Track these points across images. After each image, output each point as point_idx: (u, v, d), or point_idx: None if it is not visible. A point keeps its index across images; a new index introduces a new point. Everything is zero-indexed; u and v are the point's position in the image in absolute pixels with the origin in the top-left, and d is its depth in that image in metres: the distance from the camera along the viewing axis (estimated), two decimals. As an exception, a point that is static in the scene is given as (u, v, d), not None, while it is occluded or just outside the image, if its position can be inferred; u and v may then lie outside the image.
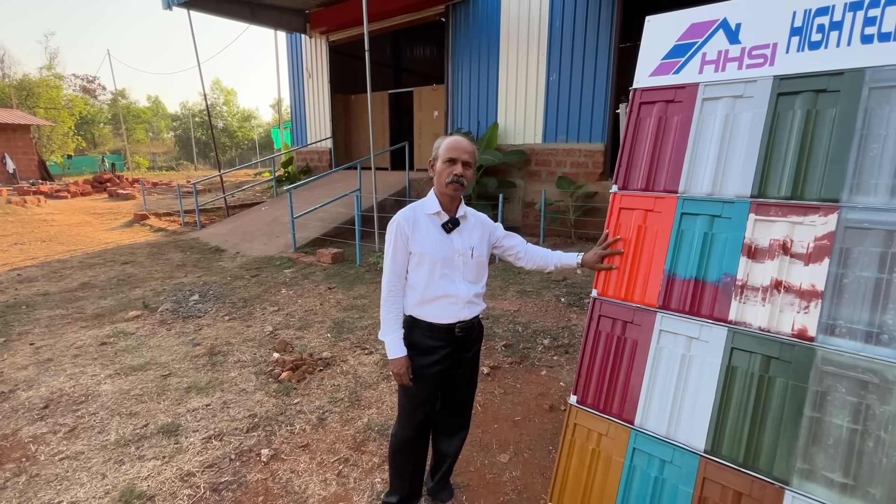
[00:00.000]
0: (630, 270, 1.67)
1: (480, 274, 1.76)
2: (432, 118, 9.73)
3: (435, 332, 1.69)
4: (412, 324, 1.71)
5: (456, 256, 1.68)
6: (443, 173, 1.62)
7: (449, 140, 1.63)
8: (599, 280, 1.75)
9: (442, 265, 1.66)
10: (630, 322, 1.66)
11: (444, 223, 1.66)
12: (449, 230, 1.67)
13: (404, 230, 1.62)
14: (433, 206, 1.66)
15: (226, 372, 3.15)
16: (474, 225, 1.76)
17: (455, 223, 1.68)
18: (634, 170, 1.74)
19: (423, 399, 1.75)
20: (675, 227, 1.61)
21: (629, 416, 1.60)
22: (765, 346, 1.39)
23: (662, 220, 1.63)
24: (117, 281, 5.49)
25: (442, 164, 1.61)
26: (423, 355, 1.70)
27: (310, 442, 2.44)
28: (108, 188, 15.10)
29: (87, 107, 39.10)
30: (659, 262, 1.61)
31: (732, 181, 1.52)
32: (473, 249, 1.72)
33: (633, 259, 1.67)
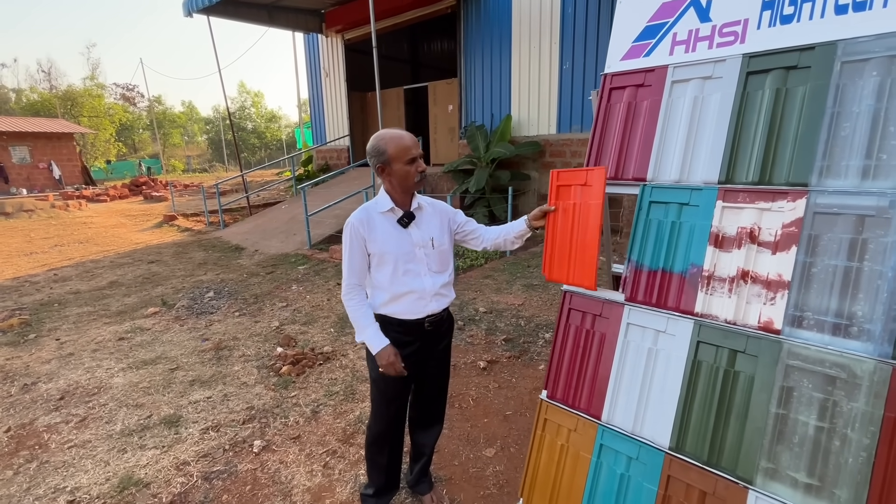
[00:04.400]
0: (570, 252, 1.64)
1: (445, 263, 1.76)
2: (447, 112, 9.70)
3: (405, 327, 1.70)
4: (382, 323, 1.71)
5: (417, 250, 1.68)
6: (409, 174, 1.61)
7: (395, 140, 1.60)
8: (546, 266, 1.71)
9: (404, 261, 1.66)
10: (599, 315, 1.61)
11: (399, 219, 1.66)
12: (405, 225, 1.66)
13: (360, 232, 1.62)
14: (385, 204, 1.66)
15: (230, 366, 3.26)
16: (431, 214, 1.75)
17: (410, 217, 1.67)
18: (604, 159, 1.69)
19: (394, 394, 1.76)
20: (642, 217, 1.55)
21: (597, 412, 1.56)
22: (731, 340, 1.32)
23: (593, 194, 1.57)
24: (142, 279, 5.76)
25: (404, 166, 1.60)
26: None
27: (301, 434, 2.50)
28: (144, 191, 15.85)
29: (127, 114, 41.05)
30: (593, 238, 1.56)
31: (700, 167, 1.45)
32: (433, 240, 1.71)
33: (571, 239, 1.63)
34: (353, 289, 1.65)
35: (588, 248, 1.58)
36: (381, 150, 1.60)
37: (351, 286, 1.65)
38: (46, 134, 18.87)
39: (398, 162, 1.59)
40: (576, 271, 1.61)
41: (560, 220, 1.68)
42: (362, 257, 1.65)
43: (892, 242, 1.12)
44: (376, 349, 1.64)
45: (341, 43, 10.82)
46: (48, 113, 28.61)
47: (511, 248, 1.84)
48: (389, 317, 1.69)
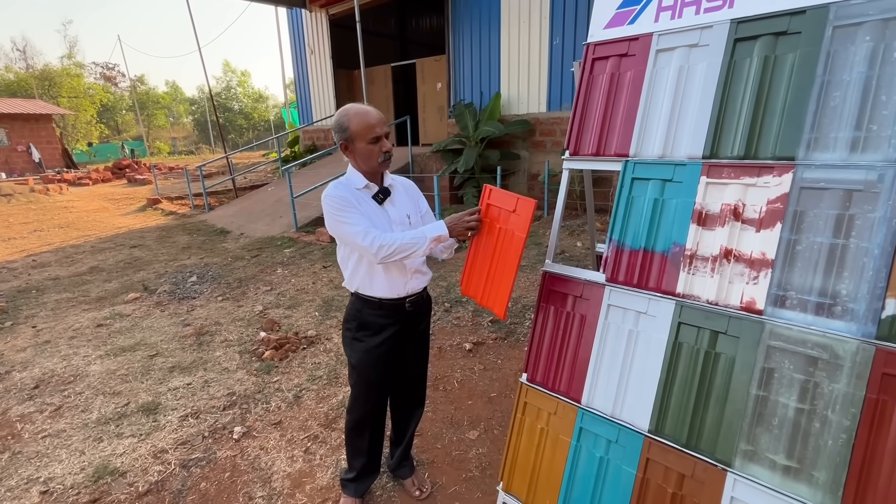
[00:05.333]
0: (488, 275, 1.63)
1: None
2: (436, 90, 9.48)
3: (385, 308, 1.64)
4: (360, 303, 1.65)
5: (395, 227, 1.61)
6: (373, 154, 1.53)
7: (359, 116, 1.51)
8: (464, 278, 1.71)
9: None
10: (579, 297, 1.57)
11: (374, 195, 1.58)
12: (381, 201, 1.59)
13: (350, 200, 1.53)
14: (359, 181, 1.58)
15: (211, 351, 3.20)
16: (402, 192, 1.69)
17: (386, 193, 1.60)
18: (586, 133, 1.61)
19: (375, 379, 1.72)
20: (624, 194, 1.49)
21: (576, 395, 1.53)
22: (712, 321, 1.28)
23: (519, 225, 1.55)
24: (124, 264, 5.63)
25: (367, 145, 1.51)
26: (374, 335, 1.66)
27: (283, 419, 2.46)
28: (127, 174, 15.48)
29: (108, 94, 39.83)
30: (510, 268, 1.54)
31: (685, 141, 1.38)
32: (409, 216, 1.65)
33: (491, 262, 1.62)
34: (376, 235, 1.47)
35: (504, 277, 1.56)
36: (343, 126, 1.51)
37: (374, 235, 1.47)
38: (24, 115, 18.27)
39: (361, 140, 1.51)
40: (490, 295, 1.61)
41: (484, 239, 1.65)
42: (364, 214, 1.52)
43: (879, 218, 1.07)
44: (444, 228, 1.54)
45: (326, 18, 10.47)
46: (25, 93, 27.67)
47: (440, 256, 1.77)
48: (368, 297, 1.63)
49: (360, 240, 1.49)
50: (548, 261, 1.68)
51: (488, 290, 1.61)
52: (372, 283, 1.61)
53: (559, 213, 1.68)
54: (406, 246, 1.50)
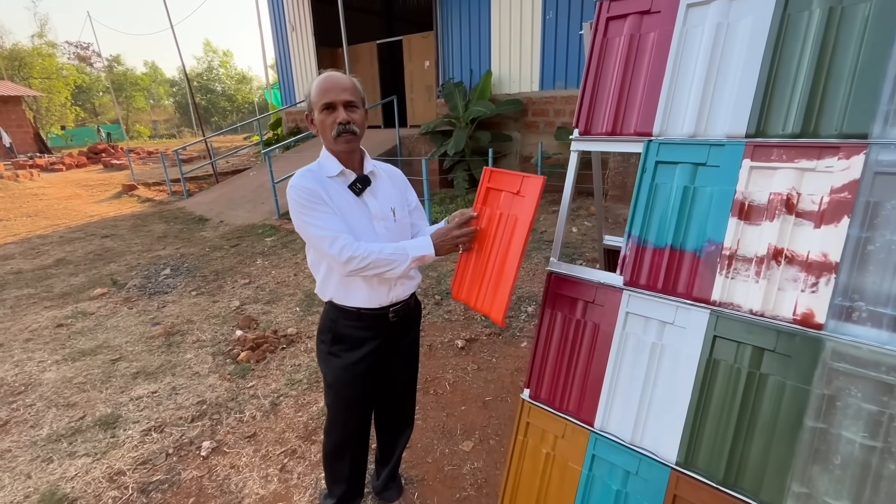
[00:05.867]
0: (484, 273, 1.38)
1: (406, 237, 1.45)
2: (423, 69, 9.08)
3: (364, 320, 1.39)
4: (335, 312, 1.41)
5: (376, 223, 1.35)
6: (326, 126, 1.26)
7: (319, 80, 1.26)
8: (456, 281, 1.46)
9: (362, 237, 1.33)
10: (591, 302, 1.33)
11: (351, 184, 1.32)
12: (359, 192, 1.33)
13: (319, 194, 1.26)
14: (333, 167, 1.32)
15: (181, 354, 2.94)
16: (387, 181, 1.43)
17: (365, 182, 1.34)
18: (599, 109, 1.36)
19: (355, 400, 1.48)
20: (646, 181, 1.24)
21: (588, 417, 1.31)
22: (757, 335, 1.06)
23: (524, 207, 1.33)
24: (93, 256, 5.30)
25: (320, 115, 1.26)
26: (352, 350, 1.41)
27: (258, 431, 2.23)
28: (103, 159, 14.85)
29: (83, 75, 38.27)
30: (512, 263, 1.30)
31: (723, 116, 1.14)
32: (395, 210, 1.40)
33: (489, 258, 1.38)
34: (347, 243, 1.23)
35: (503, 276, 1.31)
36: (308, 94, 1.26)
37: (344, 243, 1.23)
38: (-9, 98, 17.37)
39: (317, 109, 1.26)
40: (486, 297, 1.35)
41: (480, 233, 1.41)
42: (336, 213, 1.27)
43: (983, 212, 0.85)
44: (427, 250, 1.30)
45: (307, -8, 9.92)
46: (-7, 75, 26.40)
47: None
48: (345, 307, 1.38)
49: (326, 246, 1.24)
50: (553, 259, 1.44)
51: (484, 291, 1.36)
52: (348, 292, 1.36)
53: (566, 202, 1.44)
54: (382, 262, 1.26)
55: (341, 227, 1.26)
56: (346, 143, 1.29)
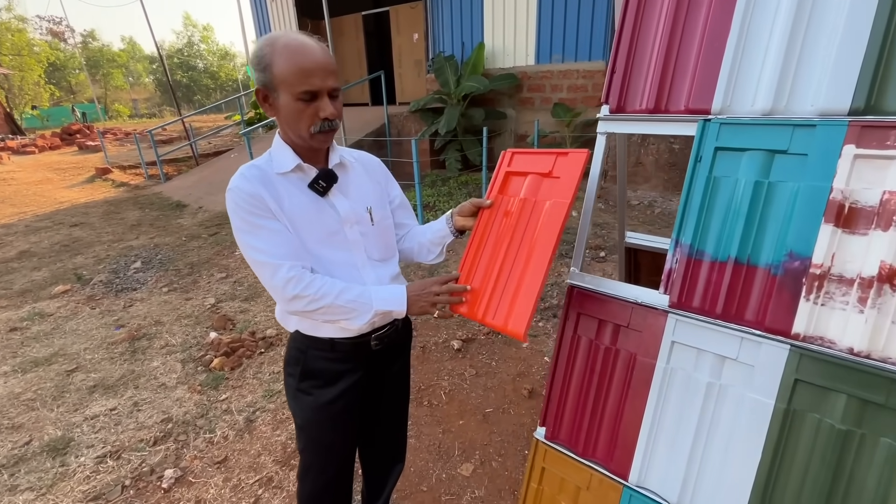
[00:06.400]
0: (499, 278, 1.08)
1: (389, 244, 1.17)
2: (412, 42, 8.59)
3: (340, 350, 1.11)
4: (304, 343, 1.12)
5: (346, 228, 1.06)
6: (302, 118, 0.95)
7: (290, 51, 0.91)
8: None
9: (329, 247, 1.05)
10: (625, 326, 1.06)
11: (311, 182, 1.02)
12: (323, 191, 1.03)
13: (263, 200, 0.97)
14: (287, 160, 1.01)
15: (147, 361, 2.65)
16: (361, 175, 1.14)
17: (330, 178, 1.04)
18: (638, 79, 1.06)
19: (332, 444, 1.20)
20: (701, 174, 0.96)
21: (621, 468, 1.05)
22: (857, 383, 0.79)
23: (560, 190, 1.07)
24: (60, 247, 4.93)
25: (294, 102, 0.93)
26: (326, 386, 1.13)
27: (229, 455, 1.97)
28: (78, 140, 14.17)
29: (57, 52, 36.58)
30: (540, 264, 1.02)
31: (815, 86, 0.85)
32: (371, 210, 1.10)
33: (505, 257, 1.09)
34: (295, 276, 0.96)
35: (528, 278, 1.02)
36: (263, 61, 0.93)
37: (290, 275, 0.95)
38: (-45, 76, 16.41)
39: (287, 91, 0.93)
40: (500, 308, 1.04)
41: (495, 226, 1.12)
42: (285, 230, 0.98)
43: None
44: (399, 306, 1.04)
45: (286, -42, 9.28)
46: (-42, 51, 25.08)
47: (427, 259, 1.25)
48: (314, 336, 1.10)
49: (267, 276, 0.97)
50: (574, 269, 1.17)
51: (498, 300, 1.06)
52: (317, 320, 1.08)
53: (591, 197, 1.15)
54: (337, 309, 0.99)
55: (290, 251, 0.97)
56: (325, 141, 1.01)
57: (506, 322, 1.02)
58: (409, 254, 1.25)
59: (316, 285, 0.97)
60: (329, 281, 0.99)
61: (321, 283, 0.98)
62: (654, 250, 1.65)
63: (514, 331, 1.00)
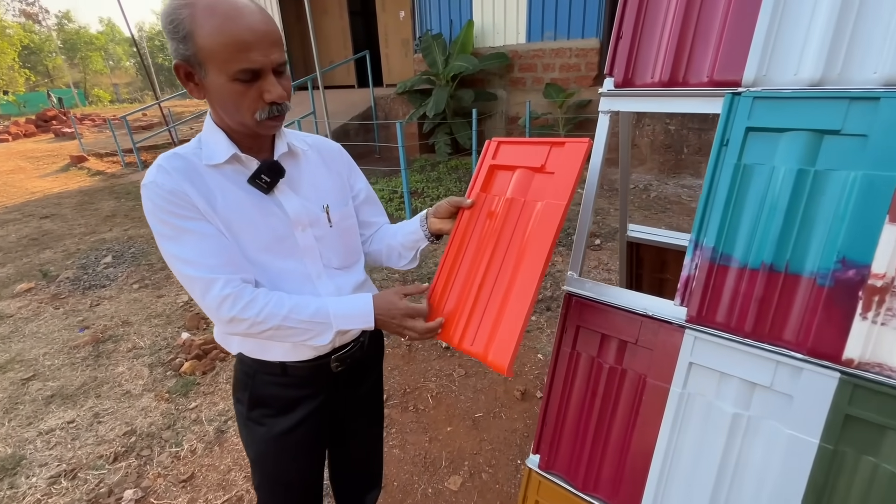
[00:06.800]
0: (478, 296, 0.92)
1: (352, 248, 0.99)
2: (398, 20, 8.24)
3: (293, 376, 0.93)
4: (251, 366, 0.94)
5: (297, 232, 0.87)
6: (241, 102, 0.75)
7: (222, 20, 0.69)
8: (433, 306, 0.97)
9: (276, 255, 0.86)
10: (633, 343, 0.90)
11: (252, 176, 0.83)
12: (268, 187, 0.84)
13: (187, 197, 0.77)
14: (221, 149, 0.82)
15: (111, 367, 2.47)
16: (316, 164, 0.94)
17: (276, 171, 0.84)
18: (649, 45, 0.87)
19: (290, 481, 1.03)
20: (727, 161, 0.78)
21: (629, 508, 0.90)
22: (928, 422, 0.64)
23: (555, 190, 0.88)
24: (28, 241, 4.67)
25: (230, 83, 0.73)
26: (281, 415, 0.96)
27: (196, 471, 1.81)
28: (53, 127, 13.64)
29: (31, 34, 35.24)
30: (531, 278, 0.85)
31: (877, 50, 0.67)
32: (329, 208, 0.92)
33: (487, 271, 0.91)
34: (233, 293, 0.78)
35: (517, 300, 0.84)
36: (182, 27, 0.71)
37: (227, 292, 0.77)
38: (-80, 60, 15.67)
39: (217, 69, 0.72)
40: (480, 334, 0.87)
41: (477, 231, 0.94)
42: (218, 235, 0.79)
43: None
44: (366, 322, 0.86)
45: (264, -69, 8.82)
46: (-75, 34, 24.02)
47: (398, 265, 1.07)
48: (261, 360, 0.92)
49: (198, 293, 0.78)
50: (572, 273, 0.99)
51: (477, 323, 0.90)
52: (263, 342, 0.90)
53: (592, 192, 0.97)
54: (288, 331, 0.82)
55: (225, 261, 0.79)
56: (272, 127, 0.81)
57: (486, 350, 0.85)
58: (377, 257, 1.07)
59: (259, 303, 0.79)
60: (276, 297, 0.81)
61: (266, 300, 0.80)
62: (659, 245, 1.48)
63: (497, 363, 0.84)
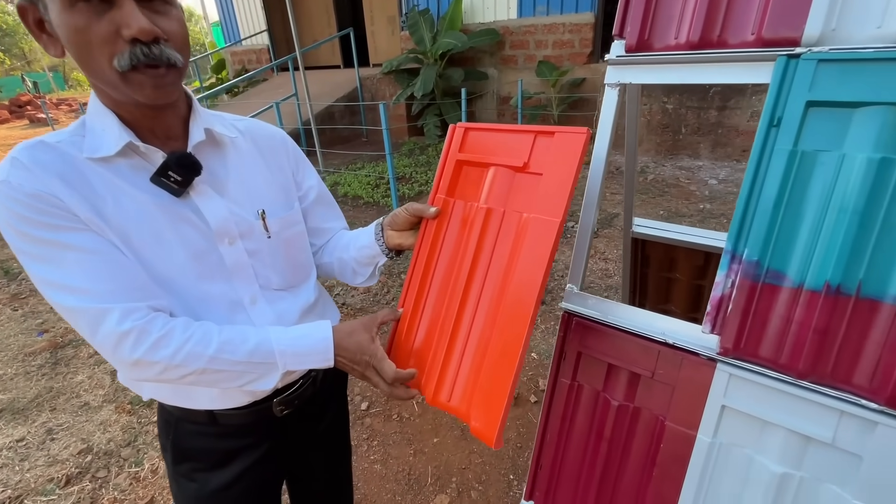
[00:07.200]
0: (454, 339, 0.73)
1: (299, 262, 0.79)
2: (384, -4, 7.85)
3: (226, 425, 0.75)
4: (171, 416, 0.76)
5: (223, 246, 0.68)
6: (90, 37, 0.53)
7: None
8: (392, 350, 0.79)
9: (194, 277, 0.66)
10: (650, 376, 0.72)
11: (156, 173, 0.62)
12: (178, 186, 0.63)
13: (60, 202, 0.56)
14: (110, 137, 0.60)
15: (69, 375, 2.28)
16: (249, 155, 0.74)
17: (189, 166, 0.63)
18: (669, 2, 0.67)
19: None
20: (778, 144, 0.59)
21: (642, 576, 0.74)
22: None
23: (545, 203, 0.67)
24: (-8, 235, 4.40)
25: (70, 10, 0.51)
26: (214, 469, 0.77)
27: (156, 495, 1.64)
28: (28, 113, 13.13)
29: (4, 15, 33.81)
30: (522, 322, 0.65)
31: None
32: (266, 214, 0.71)
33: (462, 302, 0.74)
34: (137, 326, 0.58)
35: (503, 350, 0.65)
36: None
37: (126, 328, 0.57)
38: None
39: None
40: (462, 388, 0.69)
41: (446, 249, 0.74)
42: (109, 250, 0.60)
43: None
44: (324, 357, 0.67)
45: None
46: None
47: (354, 282, 0.88)
48: (185, 408, 0.73)
49: (86, 329, 0.59)
50: (571, 286, 0.81)
51: (457, 372, 0.71)
52: (180, 388, 0.70)
53: (597, 186, 0.77)
54: (217, 375, 0.63)
55: (121, 286, 0.59)
56: (153, 86, 0.57)
57: (469, 409, 0.67)
58: (329, 271, 0.88)
59: (176, 340, 0.60)
60: (200, 330, 0.62)
61: (185, 335, 0.61)
62: (668, 242, 1.30)
63: (483, 433, 0.65)
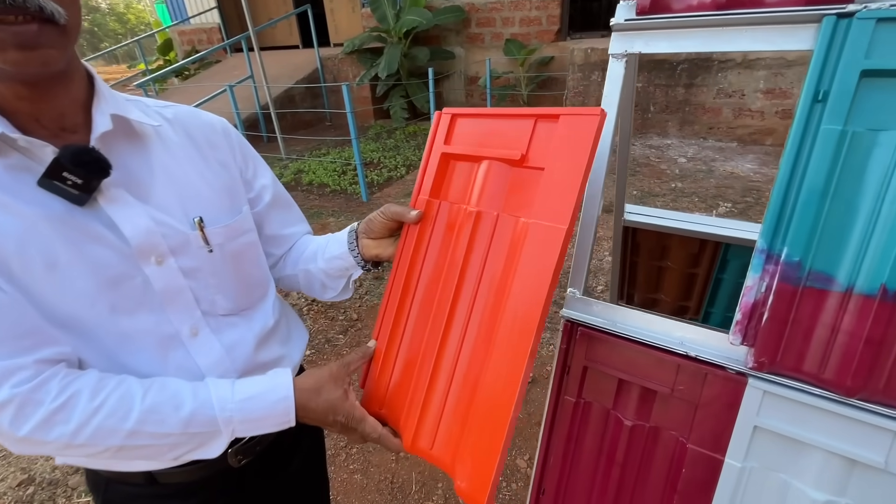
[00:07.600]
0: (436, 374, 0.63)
1: (251, 280, 0.65)
2: (343, -30, 7.45)
3: (168, 485, 0.61)
4: (101, 480, 0.61)
5: (149, 267, 0.53)
6: None
7: None
8: (368, 389, 0.70)
9: (110, 311, 0.51)
10: (669, 393, 0.63)
11: (47, 175, 0.46)
12: (79, 192, 0.47)
13: None
14: None
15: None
16: (181, 148, 0.59)
17: (92, 165, 0.48)
18: (693, -60, 0.56)
19: None
20: (824, 126, 0.49)
21: None
22: None
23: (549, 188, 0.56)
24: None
25: None
26: None
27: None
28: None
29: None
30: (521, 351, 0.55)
31: None
32: (203, 222, 0.57)
33: None
34: (17, 394, 0.44)
35: (497, 399, 0.53)
36: None
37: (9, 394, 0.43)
38: None
39: None
40: (444, 433, 0.58)
41: (430, 261, 0.63)
42: None
43: None
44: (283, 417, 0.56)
45: None
46: None
47: (323, 296, 0.75)
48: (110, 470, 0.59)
49: None
50: (572, 290, 0.71)
51: (437, 418, 0.60)
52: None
53: (603, 168, 0.67)
54: (142, 450, 0.50)
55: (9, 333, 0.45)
56: (17, 45, 0.40)
57: (453, 462, 0.56)
58: (293, 284, 0.75)
59: (78, 413, 0.46)
60: (115, 393, 0.48)
61: (91, 404, 0.46)
62: (661, 229, 1.22)
63: (470, 494, 0.54)
